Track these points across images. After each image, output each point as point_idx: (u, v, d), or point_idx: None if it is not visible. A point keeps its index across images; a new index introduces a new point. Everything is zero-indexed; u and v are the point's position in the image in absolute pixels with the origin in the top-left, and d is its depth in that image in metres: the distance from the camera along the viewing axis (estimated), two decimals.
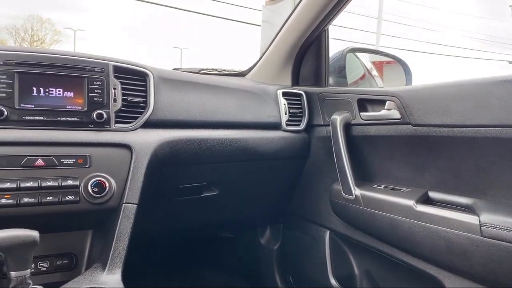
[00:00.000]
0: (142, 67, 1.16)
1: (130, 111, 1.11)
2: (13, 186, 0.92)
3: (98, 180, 1.00)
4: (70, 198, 0.98)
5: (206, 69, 1.68)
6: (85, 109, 1.04)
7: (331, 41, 1.57)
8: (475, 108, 1.01)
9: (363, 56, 1.71)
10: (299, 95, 1.51)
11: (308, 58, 1.58)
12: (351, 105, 1.34)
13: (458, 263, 1.00)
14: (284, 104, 1.46)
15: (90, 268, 1.00)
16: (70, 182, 0.98)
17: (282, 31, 1.55)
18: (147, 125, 1.14)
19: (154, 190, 1.17)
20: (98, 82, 1.06)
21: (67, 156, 0.99)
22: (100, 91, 1.06)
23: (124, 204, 1.03)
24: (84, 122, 1.04)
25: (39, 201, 0.95)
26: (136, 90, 1.13)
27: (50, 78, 1.01)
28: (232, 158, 1.34)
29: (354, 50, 1.65)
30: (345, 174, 1.27)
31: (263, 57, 1.64)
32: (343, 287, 1.44)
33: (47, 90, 1.00)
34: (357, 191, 1.24)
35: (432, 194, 1.14)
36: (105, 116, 1.06)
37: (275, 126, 1.44)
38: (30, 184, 0.94)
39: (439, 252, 1.03)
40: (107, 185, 1.01)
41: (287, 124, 1.45)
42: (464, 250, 0.97)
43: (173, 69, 1.54)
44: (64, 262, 1.08)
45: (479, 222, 0.95)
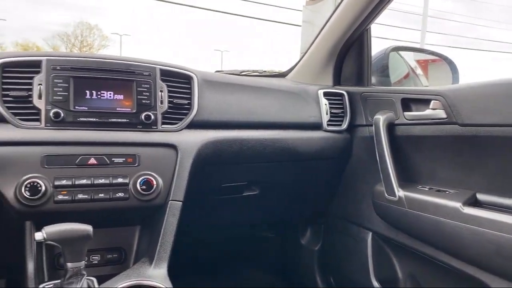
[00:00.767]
0: (187, 70, 1.20)
1: (175, 113, 1.16)
2: (69, 183, 0.99)
3: (146, 178, 1.05)
4: (120, 195, 1.03)
5: (247, 70, 1.70)
6: (134, 110, 1.09)
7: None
8: None
9: (406, 55, 1.68)
10: (341, 95, 1.50)
11: (350, 57, 1.57)
12: (395, 104, 1.31)
13: (509, 267, 0.96)
14: (325, 104, 1.45)
15: (138, 262, 1.05)
16: (120, 180, 1.04)
17: (323, 30, 1.54)
18: (191, 125, 1.18)
19: (198, 188, 1.21)
20: (146, 85, 1.11)
21: (117, 155, 1.05)
22: (148, 93, 1.11)
23: (170, 201, 1.08)
24: (133, 123, 1.09)
25: (92, 197, 1.01)
26: (181, 92, 1.17)
27: (102, 81, 1.07)
28: (272, 158, 1.35)
29: (398, 49, 1.62)
30: (388, 175, 1.25)
31: (304, 57, 1.64)
32: None
33: (99, 93, 1.06)
34: (400, 193, 1.22)
35: (480, 196, 1.10)
36: (152, 117, 1.11)
37: (316, 126, 1.44)
38: (84, 181, 1.00)
39: (488, 256, 0.99)
40: (154, 183, 1.06)
41: (328, 124, 1.45)
42: None
43: (215, 71, 1.58)
44: (114, 255, 1.14)
45: None
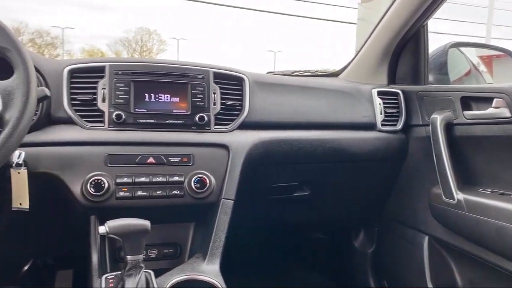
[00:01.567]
0: (238, 72, 1.24)
1: (227, 114, 1.20)
2: (129, 180, 1.05)
3: (200, 177, 1.10)
4: (176, 192, 1.09)
5: (299, 71, 1.71)
6: (188, 112, 1.14)
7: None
8: None
9: (467, 51, 1.59)
10: (396, 94, 1.46)
11: (406, 55, 1.52)
12: (453, 103, 1.26)
13: None
14: (380, 103, 1.42)
15: (192, 257, 1.10)
16: (176, 178, 1.09)
17: (378, 28, 1.51)
18: (243, 126, 1.21)
19: (249, 187, 1.24)
20: (200, 87, 1.16)
21: (173, 155, 1.11)
22: (202, 95, 1.15)
23: (222, 200, 1.12)
24: (188, 124, 1.15)
25: (150, 194, 1.07)
26: (233, 94, 1.21)
27: (159, 85, 1.13)
28: (324, 158, 1.35)
29: (458, 45, 1.55)
30: (446, 177, 1.20)
31: (357, 56, 1.61)
32: None
33: (157, 96, 1.13)
34: (459, 195, 1.17)
35: None
36: (206, 118, 1.15)
37: (370, 127, 1.41)
38: (143, 179, 1.06)
39: None
40: (208, 181, 1.10)
41: (382, 124, 1.41)
42: None
43: (267, 72, 1.60)
44: (170, 250, 1.20)
45: None
